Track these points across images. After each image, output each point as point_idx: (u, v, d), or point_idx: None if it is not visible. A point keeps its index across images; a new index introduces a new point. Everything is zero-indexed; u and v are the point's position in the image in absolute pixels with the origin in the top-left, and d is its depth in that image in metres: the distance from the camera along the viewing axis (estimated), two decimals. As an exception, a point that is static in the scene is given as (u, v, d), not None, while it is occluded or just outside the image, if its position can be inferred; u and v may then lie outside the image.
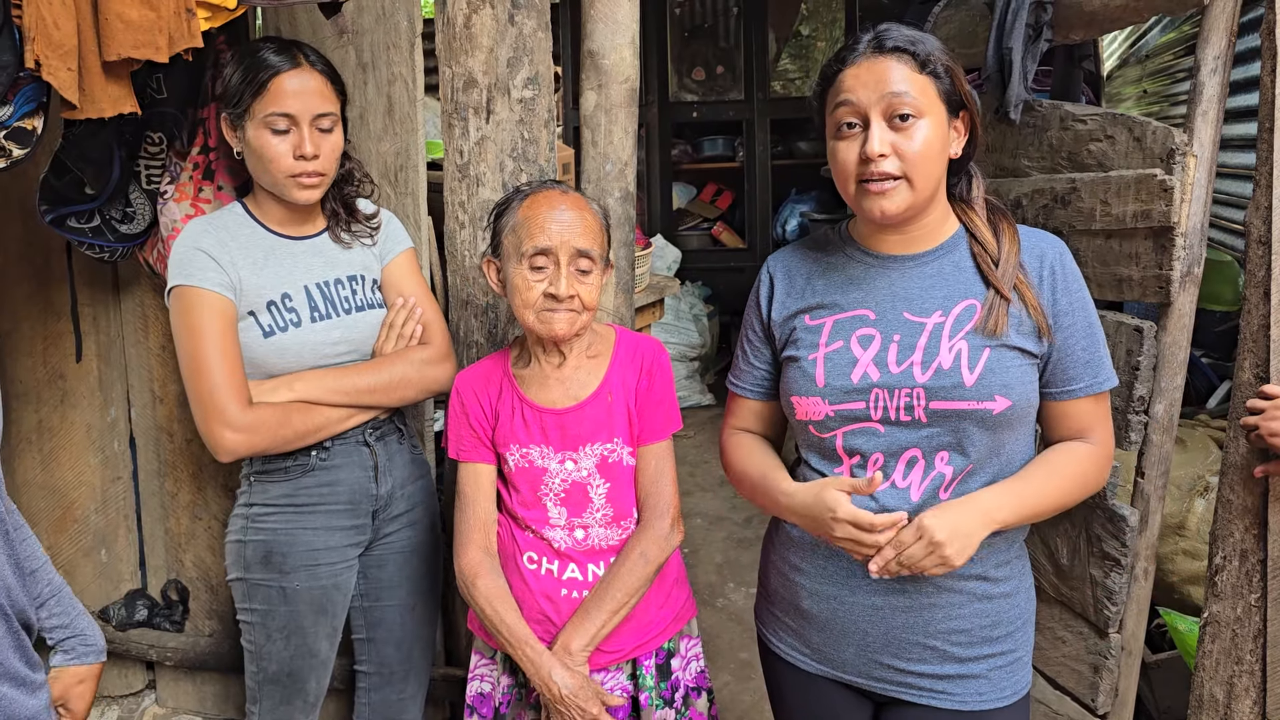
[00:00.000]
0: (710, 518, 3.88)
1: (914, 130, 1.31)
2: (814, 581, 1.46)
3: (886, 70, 1.31)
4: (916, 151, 1.31)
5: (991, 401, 1.33)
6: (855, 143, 1.33)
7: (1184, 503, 2.50)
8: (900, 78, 1.31)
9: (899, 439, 1.37)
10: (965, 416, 1.34)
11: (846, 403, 1.38)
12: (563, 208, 1.55)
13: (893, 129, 1.31)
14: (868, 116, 1.32)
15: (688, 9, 6.06)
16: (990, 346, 1.35)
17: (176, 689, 2.67)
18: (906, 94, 1.30)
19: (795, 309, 1.48)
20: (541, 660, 1.56)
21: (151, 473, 2.55)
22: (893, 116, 1.31)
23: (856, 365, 1.38)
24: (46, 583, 1.47)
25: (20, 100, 1.55)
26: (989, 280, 1.37)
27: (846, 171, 1.35)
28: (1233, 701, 1.73)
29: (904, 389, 1.35)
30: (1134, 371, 1.75)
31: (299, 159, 1.69)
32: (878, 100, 1.31)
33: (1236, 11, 1.70)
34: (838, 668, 1.47)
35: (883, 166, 1.31)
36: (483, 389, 1.67)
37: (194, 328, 1.67)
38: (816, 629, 1.47)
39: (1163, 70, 4.57)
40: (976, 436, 1.35)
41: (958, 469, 1.36)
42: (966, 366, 1.34)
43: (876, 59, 1.32)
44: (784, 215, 5.83)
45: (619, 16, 1.93)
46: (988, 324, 1.34)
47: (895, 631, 1.41)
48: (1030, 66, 1.99)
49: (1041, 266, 1.39)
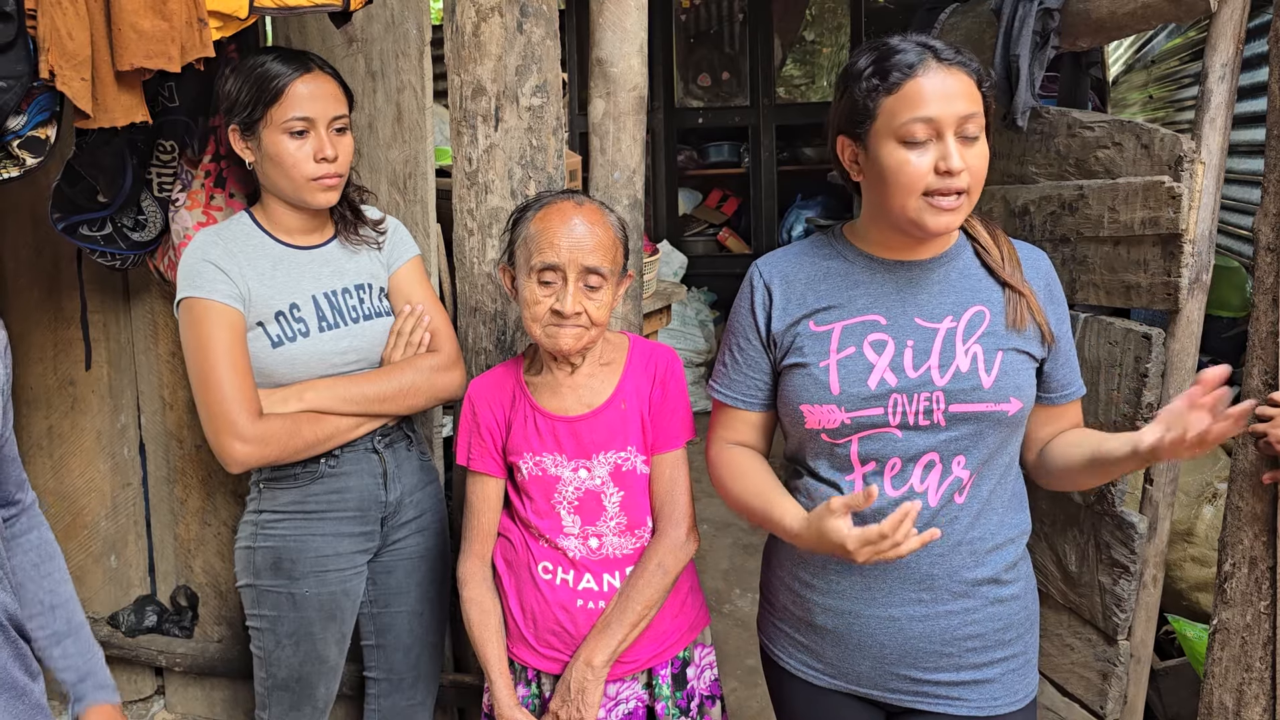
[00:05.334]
0: (716, 524, 3.88)
1: (978, 148, 1.31)
2: (827, 598, 1.45)
3: (959, 85, 1.30)
4: (980, 169, 1.32)
5: (1007, 403, 1.36)
6: (927, 155, 1.30)
7: (1192, 509, 2.50)
8: (970, 95, 1.31)
9: (917, 443, 1.37)
10: (983, 419, 1.36)
11: (864, 409, 1.38)
12: (575, 222, 1.53)
13: (962, 143, 1.30)
14: (943, 131, 1.30)
15: (693, 15, 6.07)
16: (1003, 350, 1.37)
17: (186, 695, 2.68)
18: (976, 114, 1.30)
19: (798, 315, 1.45)
20: (502, 697, 1.63)
21: (161, 479, 2.56)
22: (963, 133, 1.30)
23: (873, 371, 1.38)
24: (65, 620, 1.44)
25: (34, 109, 1.56)
26: (1001, 280, 1.40)
27: (915, 183, 1.31)
28: (1242, 709, 1.73)
29: (923, 393, 1.36)
30: (1142, 378, 1.75)
31: (320, 162, 1.71)
32: (954, 117, 1.29)
33: (1244, 18, 1.70)
34: (852, 681, 1.46)
35: (958, 182, 1.30)
36: (495, 398, 1.67)
37: (203, 340, 1.68)
38: (831, 644, 1.46)
39: (1169, 76, 4.56)
40: (991, 438, 1.37)
41: (972, 472, 1.38)
42: (984, 369, 1.36)
43: (950, 71, 1.30)
44: (789, 221, 5.83)
45: (627, 24, 1.94)
46: (1012, 318, 1.38)
47: (912, 642, 1.40)
48: (1037, 73, 2.00)
49: (1038, 275, 1.44)
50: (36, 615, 1.42)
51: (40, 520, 1.46)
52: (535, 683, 1.67)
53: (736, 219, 6.19)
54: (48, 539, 1.46)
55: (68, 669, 1.44)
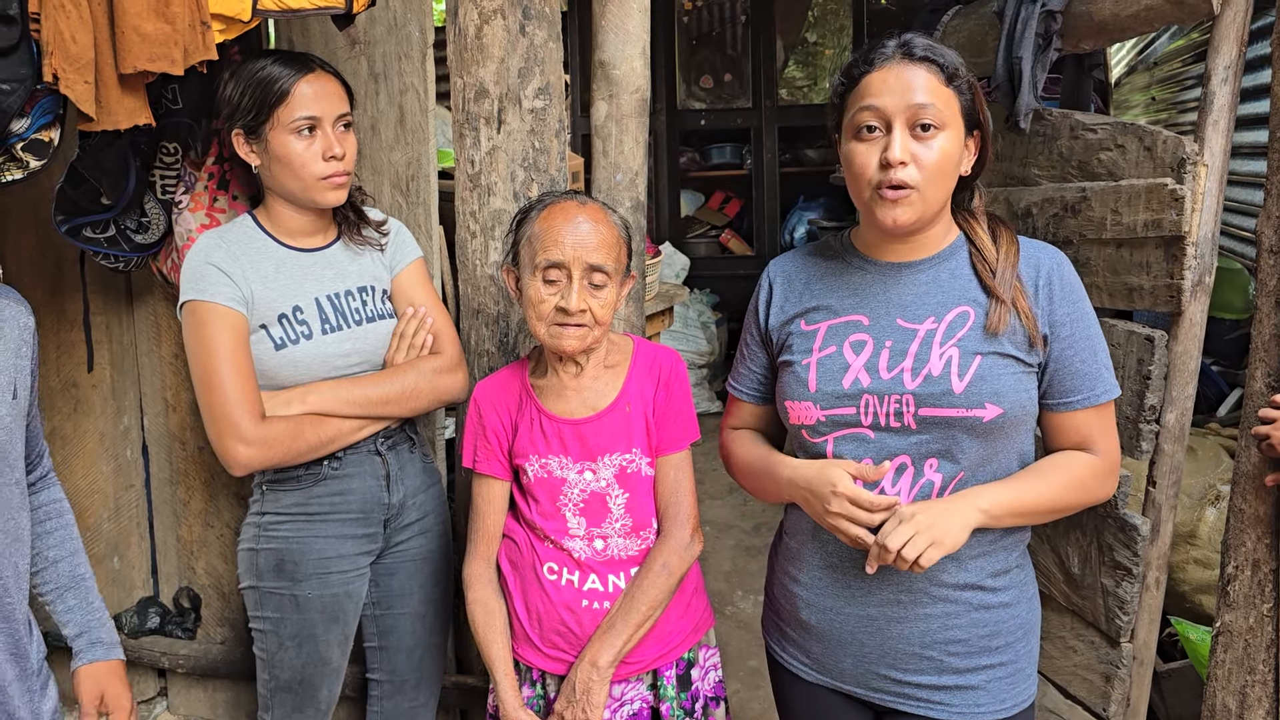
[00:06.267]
0: (719, 525, 3.88)
1: (934, 141, 1.31)
2: (810, 593, 1.47)
3: (915, 78, 1.31)
4: (934, 163, 1.31)
5: (981, 409, 1.33)
6: (875, 147, 1.32)
7: (1195, 512, 2.50)
8: (928, 87, 1.31)
9: (888, 445, 1.37)
10: (954, 424, 1.34)
11: (837, 408, 1.38)
12: (579, 220, 1.54)
13: (914, 138, 1.31)
14: (891, 122, 1.31)
15: (695, 17, 6.07)
16: (982, 354, 1.34)
17: (188, 696, 2.68)
18: (932, 105, 1.30)
19: (792, 313, 1.49)
20: (507, 698, 1.63)
21: (164, 480, 2.57)
22: (915, 125, 1.30)
23: (848, 371, 1.39)
24: (69, 573, 1.53)
25: (37, 113, 1.56)
26: (985, 284, 1.37)
27: (863, 175, 1.34)
28: (1245, 712, 1.73)
29: (894, 395, 1.35)
30: (1145, 380, 1.75)
31: (329, 160, 1.71)
32: (904, 107, 1.30)
33: (1247, 20, 1.70)
34: (837, 678, 1.47)
35: (901, 174, 1.30)
36: (501, 401, 1.68)
37: (206, 343, 1.68)
38: (815, 640, 1.48)
39: (1171, 77, 4.56)
40: (967, 444, 1.35)
41: (948, 476, 1.36)
42: (956, 374, 1.34)
43: (906, 65, 1.32)
44: (792, 222, 5.83)
45: (630, 27, 1.94)
46: (993, 323, 1.34)
47: (891, 642, 1.41)
48: (1040, 75, 1.99)
49: (1038, 276, 1.39)
50: (40, 570, 1.52)
51: (52, 482, 1.58)
52: (540, 684, 1.68)
53: (739, 221, 6.19)
54: (55, 497, 1.57)
55: (69, 623, 1.54)
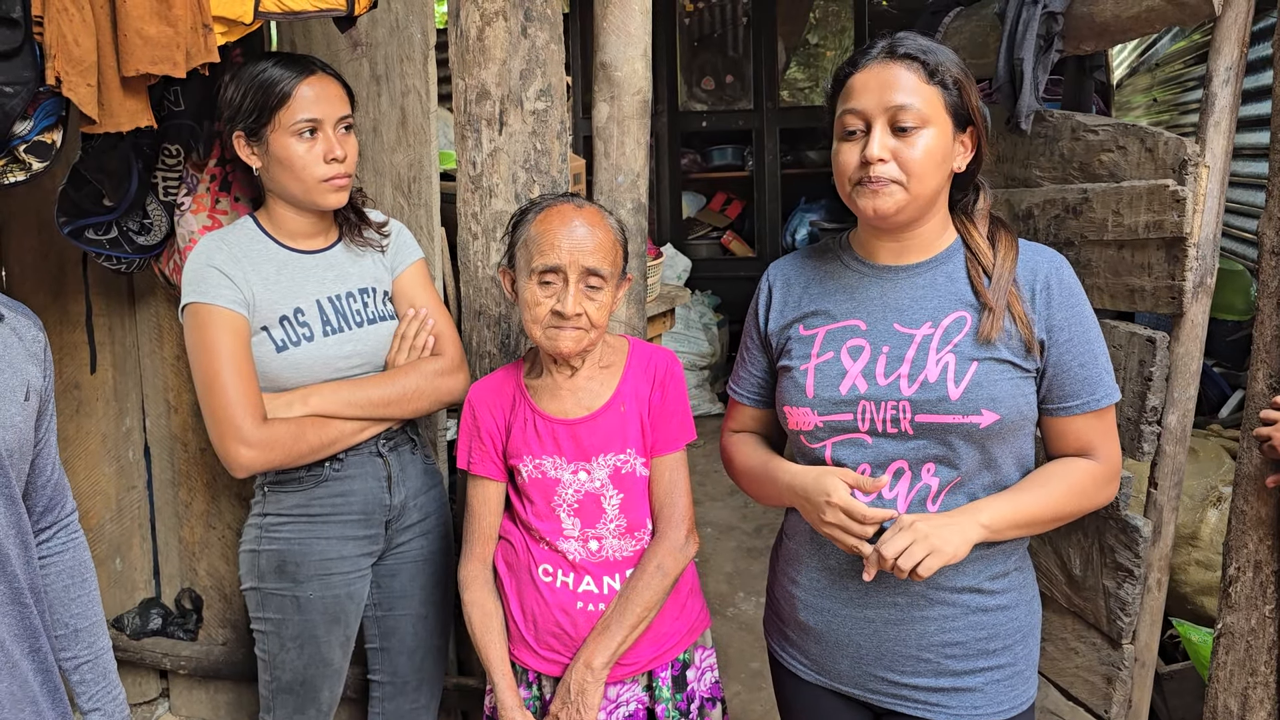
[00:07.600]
0: (720, 527, 3.88)
1: (915, 139, 1.32)
2: (808, 594, 1.48)
3: (894, 78, 1.32)
4: (916, 159, 1.32)
5: (978, 415, 1.33)
6: (857, 146, 1.35)
7: (1197, 513, 2.49)
8: (907, 87, 1.31)
9: (886, 451, 1.37)
10: (951, 430, 1.34)
11: (835, 414, 1.39)
12: (576, 224, 1.54)
13: (895, 136, 1.32)
14: (871, 122, 1.33)
15: (697, 19, 6.08)
16: (979, 360, 1.34)
17: (190, 698, 2.68)
18: (910, 105, 1.31)
19: (791, 318, 1.49)
20: (505, 699, 1.62)
21: (166, 482, 2.57)
22: (895, 125, 1.32)
23: (846, 377, 1.39)
24: (87, 645, 1.47)
25: (40, 115, 1.57)
26: (977, 291, 1.37)
27: (844, 172, 1.37)
28: (1247, 713, 1.73)
29: (890, 401, 1.35)
30: (1146, 382, 1.75)
31: (330, 162, 1.72)
32: (883, 108, 1.32)
33: (1248, 22, 1.70)
34: (835, 679, 1.47)
35: (879, 170, 1.32)
36: (495, 402, 1.68)
37: (208, 345, 1.68)
38: (813, 640, 1.48)
39: (1173, 79, 4.56)
40: (964, 450, 1.35)
41: (944, 481, 1.36)
42: (953, 380, 1.33)
43: (886, 65, 1.33)
44: (793, 224, 5.83)
45: (631, 28, 1.94)
46: (984, 331, 1.34)
47: (887, 644, 1.41)
48: (1041, 77, 1.99)
49: (1035, 281, 1.38)
50: (60, 637, 1.45)
51: (76, 537, 1.49)
52: (536, 685, 1.68)
53: (740, 222, 6.19)
54: (82, 560, 1.49)
55: (85, 695, 1.48)
